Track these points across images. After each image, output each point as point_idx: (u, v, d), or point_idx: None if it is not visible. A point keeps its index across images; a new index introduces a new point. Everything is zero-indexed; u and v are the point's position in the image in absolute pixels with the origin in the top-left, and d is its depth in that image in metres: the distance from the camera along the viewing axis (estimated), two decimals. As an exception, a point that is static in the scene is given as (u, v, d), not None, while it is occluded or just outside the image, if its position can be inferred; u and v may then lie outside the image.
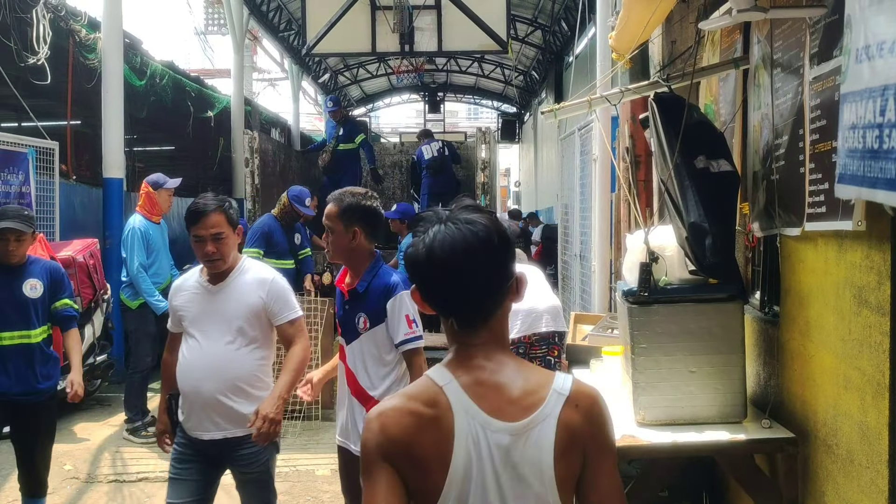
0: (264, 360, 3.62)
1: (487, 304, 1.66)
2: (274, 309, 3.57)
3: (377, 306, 3.44)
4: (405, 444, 1.58)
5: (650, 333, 3.65)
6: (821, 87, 3.19)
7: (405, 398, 1.64)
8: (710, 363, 3.66)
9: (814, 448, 3.39)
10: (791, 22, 3.50)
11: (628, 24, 4.69)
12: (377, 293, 3.45)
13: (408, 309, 3.41)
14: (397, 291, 3.42)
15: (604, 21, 6.48)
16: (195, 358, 3.52)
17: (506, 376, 1.64)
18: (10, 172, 6.93)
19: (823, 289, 3.27)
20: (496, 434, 1.58)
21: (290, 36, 15.88)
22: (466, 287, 1.64)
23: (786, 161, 3.58)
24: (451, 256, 1.61)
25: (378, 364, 3.49)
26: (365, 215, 3.47)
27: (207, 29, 23.25)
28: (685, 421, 3.65)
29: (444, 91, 24.22)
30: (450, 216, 1.66)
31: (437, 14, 8.56)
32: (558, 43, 15.85)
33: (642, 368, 3.63)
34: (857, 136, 2.44)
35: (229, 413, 3.49)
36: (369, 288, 3.47)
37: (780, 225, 3.64)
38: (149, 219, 6.67)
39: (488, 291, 1.65)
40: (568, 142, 8.68)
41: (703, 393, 3.66)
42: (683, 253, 3.75)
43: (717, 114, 4.73)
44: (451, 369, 1.66)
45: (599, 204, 6.63)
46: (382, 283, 3.46)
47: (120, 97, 8.67)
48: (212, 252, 3.46)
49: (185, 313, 3.59)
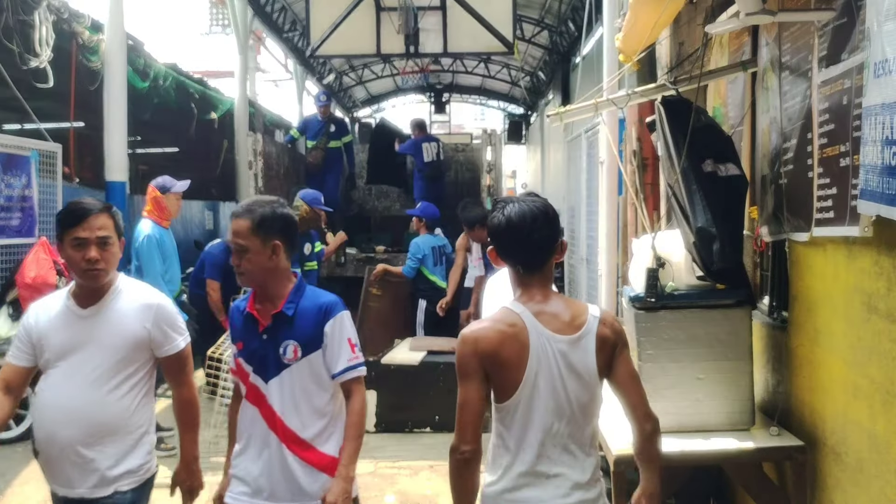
0: (146, 401, 3.10)
1: (544, 256, 2.49)
2: (159, 339, 3.05)
3: (311, 331, 2.90)
4: (494, 352, 2.41)
5: (657, 340, 3.61)
6: (829, 91, 3.15)
7: (493, 322, 2.46)
8: (718, 370, 3.62)
9: (822, 456, 3.34)
10: (800, 25, 3.46)
11: (635, 25, 4.64)
12: (310, 316, 2.91)
13: (349, 332, 2.95)
14: (336, 312, 2.93)
15: (611, 23, 6.42)
16: (56, 398, 2.93)
17: (557, 307, 2.47)
18: (12, 175, 6.91)
19: (832, 295, 3.23)
20: (558, 343, 2.41)
21: (294, 37, 15.84)
22: (531, 243, 2.46)
23: (794, 165, 3.54)
24: (520, 221, 2.44)
25: (312, 399, 2.93)
26: (284, 226, 2.94)
27: (211, 30, 23.26)
28: (693, 428, 3.61)
29: (450, 92, 24.12)
30: (517, 198, 2.51)
31: (443, 15, 8.50)
32: (565, 44, 15.77)
33: (649, 376, 3.58)
34: (876, 152, 2.41)
35: (89, 467, 2.93)
36: (298, 311, 2.92)
37: (789, 230, 3.60)
38: (159, 224, 6.36)
39: (544, 247, 2.48)
40: (574, 144, 8.63)
41: (711, 400, 3.62)
42: (691, 258, 3.70)
43: (726, 117, 4.69)
44: (522, 302, 2.48)
45: (606, 207, 6.57)
46: (315, 305, 2.94)
47: (123, 99, 8.64)
48: (95, 258, 2.89)
49: (48, 343, 2.97)
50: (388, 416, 6.95)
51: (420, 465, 5.94)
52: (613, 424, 3.82)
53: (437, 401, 6.81)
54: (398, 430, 6.91)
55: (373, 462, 6.07)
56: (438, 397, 6.83)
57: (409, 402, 6.96)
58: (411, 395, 6.95)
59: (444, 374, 6.91)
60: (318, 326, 2.92)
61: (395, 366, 7.08)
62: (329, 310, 2.94)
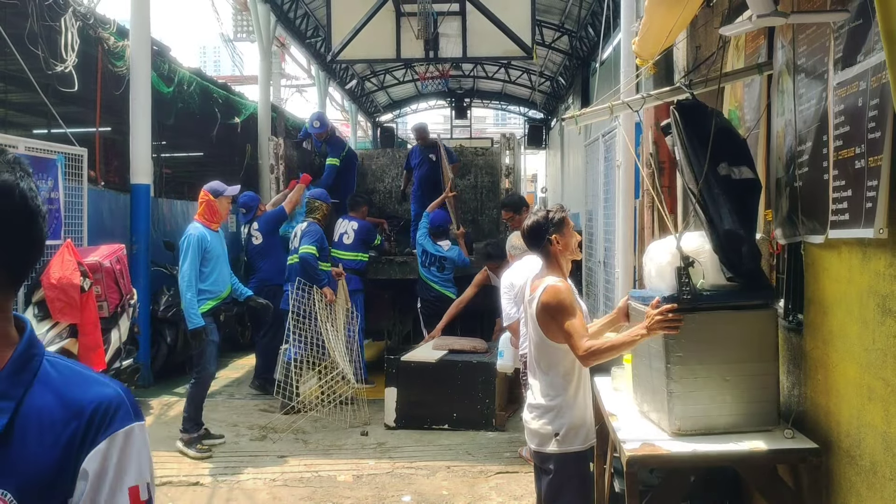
0: None
1: None
2: None
3: (39, 463, 1.26)
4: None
5: (686, 342, 3.59)
6: (845, 93, 3.15)
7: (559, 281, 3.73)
8: (746, 371, 3.61)
9: (837, 459, 3.33)
10: (815, 27, 3.46)
11: (651, 28, 4.65)
12: (42, 429, 1.28)
13: (142, 466, 1.34)
14: (116, 424, 1.31)
15: (628, 26, 6.43)
16: None
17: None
18: (39, 178, 7.03)
19: (847, 297, 3.22)
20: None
21: (316, 42, 15.98)
22: None
23: (809, 167, 3.54)
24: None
25: None
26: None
27: (236, 36, 23.49)
28: (721, 430, 3.60)
29: (471, 97, 24.23)
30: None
31: (462, 20, 8.54)
32: (585, 49, 15.79)
33: (678, 377, 3.58)
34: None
35: None
36: (18, 418, 1.27)
37: (804, 232, 3.60)
38: (208, 227, 6.68)
39: None
40: (592, 148, 8.64)
41: (738, 402, 3.60)
42: (717, 259, 3.70)
43: (742, 120, 4.69)
44: (556, 276, 3.77)
45: (623, 210, 6.58)
46: (61, 403, 1.30)
47: (148, 104, 8.79)
48: None
49: None
50: (407, 412, 7.07)
51: (437, 466, 5.97)
52: (626, 425, 3.83)
53: (455, 399, 6.87)
54: (416, 426, 7.01)
55: (390, 462, 6.12)
56: (456, 396, 6.89)
57: (427, 399, 7.04)
58: (430, 393, 7.04)
59: (462, 373, 6.96)
60: (65, 457, 1.29)
61: (415, 363, 7.16)
62: (98, 418, 1.31)
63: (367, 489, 5.58)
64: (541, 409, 3.79)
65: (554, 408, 3.76)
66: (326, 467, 6.05)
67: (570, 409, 3.77)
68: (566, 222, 3.82)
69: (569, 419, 3.77)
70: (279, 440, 6.82)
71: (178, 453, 6.39)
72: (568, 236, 3.80)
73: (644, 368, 3.94)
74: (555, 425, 3.76)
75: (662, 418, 3.70)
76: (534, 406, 3.86)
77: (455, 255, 8.69)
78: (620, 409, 4.04)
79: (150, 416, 7.56)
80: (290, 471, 5.97)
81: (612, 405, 4.08)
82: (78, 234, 7.68)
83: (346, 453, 6.42)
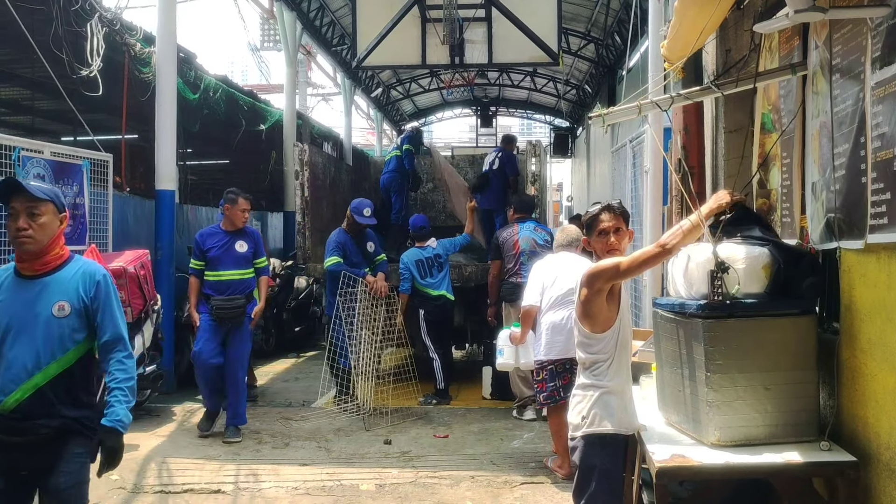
0: None
1: None
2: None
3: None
4: None
5: (726, 349, 3.49)
6: (883, 93, 3.05)
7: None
8: (786, 380, 3.51)
9: (876, 473, 3.21)
10: (851, 25, 3.35)
11: (680, 31, 4.56)
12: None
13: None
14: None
15: (656, 31, 6.35)
16: None
17: None
18: (65, 184, 7.06)
19: (886, 304, 3.11)
20: None
21: (342, 50, 16.01)
22: None
23: (846, 170, 3.43)
24: None
25: None
26: None
27: (263, 45, 23.67)
28: (761, 441, 3.49)
29: (497, 105, 24.17)
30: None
31: (488, 26, 8.47)
32: (611, 56, 15.68)
33: (717, 386, 3.47)
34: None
35: None
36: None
37: (840, 237, 3.49)
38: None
39: None
40: (619, 154, 8.55)
41: (778, 411, 3.50)
42: (752, 267, 3.59)
43: (776, 123, 4.58)
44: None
45: (650, 217, 6.48)
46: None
47: (173, 110, 8.81)
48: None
49: None
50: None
51: (461, 475, 5.88)
52: (655, 435, 3.73)
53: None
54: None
55: (413, 471, 6.03)
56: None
57: None
58: None
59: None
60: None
61: None
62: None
63: (390, 498, 5.50)
64: (576, 397, 3.58)
65: (585, 396, 3.51)
66: (349, 476, 5.97)
67: (602, 393, 3.46)
68: (593, 226, 3.64)
69: (599, 402, 3.46)
70: (301, 448, 6.76)
71: (200, 460, 6.34)
72: (594, 241, 3.65)
73: (673, 377, 3.83)
74: (582, 407, 3.51)
75: (697, 429, 3.59)
76: (571, 396, 3.68)
77: (445, 244, 8.72)
78: (648, 419, 3.94)
79: (173, 423, 7.54)
80: (312, 479, 5.90)
81: (640, 415, 3.98)
82: (103, 240, 7.70)
83: (369, 462, 6.34)
